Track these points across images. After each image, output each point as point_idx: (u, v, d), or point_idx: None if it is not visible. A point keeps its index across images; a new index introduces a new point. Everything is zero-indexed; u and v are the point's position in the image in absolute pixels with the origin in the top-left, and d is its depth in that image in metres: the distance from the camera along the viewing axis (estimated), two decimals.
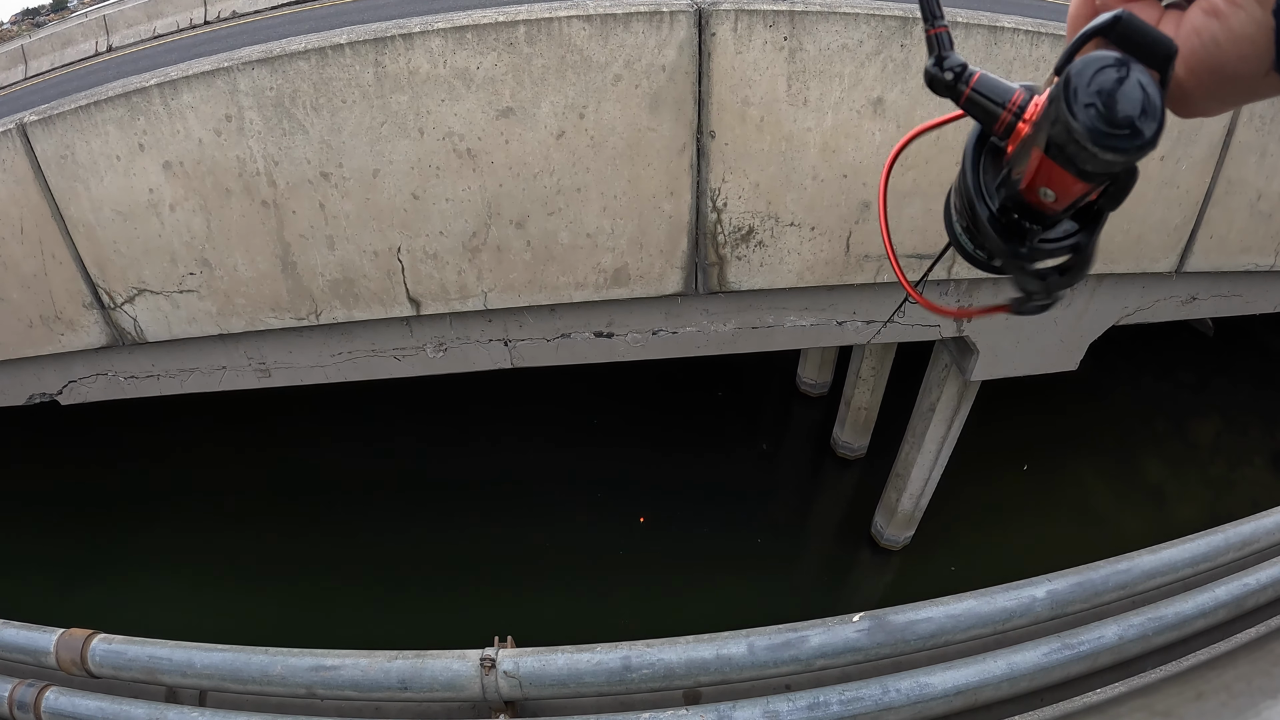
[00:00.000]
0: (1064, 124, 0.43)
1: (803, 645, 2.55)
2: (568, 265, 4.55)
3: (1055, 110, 0.43)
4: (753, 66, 4.10)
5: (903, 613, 2.64)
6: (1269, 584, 2.99)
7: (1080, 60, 0.43)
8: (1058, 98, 0.43)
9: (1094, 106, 0.42)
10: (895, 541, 8.36)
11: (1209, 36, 0.46)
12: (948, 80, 0.54)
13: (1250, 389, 10.49)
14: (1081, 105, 0.42)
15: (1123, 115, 0.42)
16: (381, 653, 2.71)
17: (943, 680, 2.62)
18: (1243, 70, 0.46)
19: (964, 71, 0.53)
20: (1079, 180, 0.46)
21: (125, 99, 3.97)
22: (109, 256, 4.41)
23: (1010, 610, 2.67)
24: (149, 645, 2.88)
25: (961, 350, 6.21)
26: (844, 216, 4.60)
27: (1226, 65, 0.46)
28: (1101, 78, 0.42)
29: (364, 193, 4.22)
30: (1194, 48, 0.47)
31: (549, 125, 4.12)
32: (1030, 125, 0.49)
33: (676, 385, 10.22)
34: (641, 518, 8.58)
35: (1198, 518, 8.20)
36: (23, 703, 2.87)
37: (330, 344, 4.98)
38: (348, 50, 3.86)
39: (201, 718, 2.72)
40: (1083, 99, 0.42)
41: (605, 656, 2.56)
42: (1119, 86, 0.42)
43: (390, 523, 8.43)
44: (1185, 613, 2.86)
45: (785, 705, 2.53)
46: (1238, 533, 3.04)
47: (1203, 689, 2.59)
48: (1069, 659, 2.71)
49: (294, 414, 9.15)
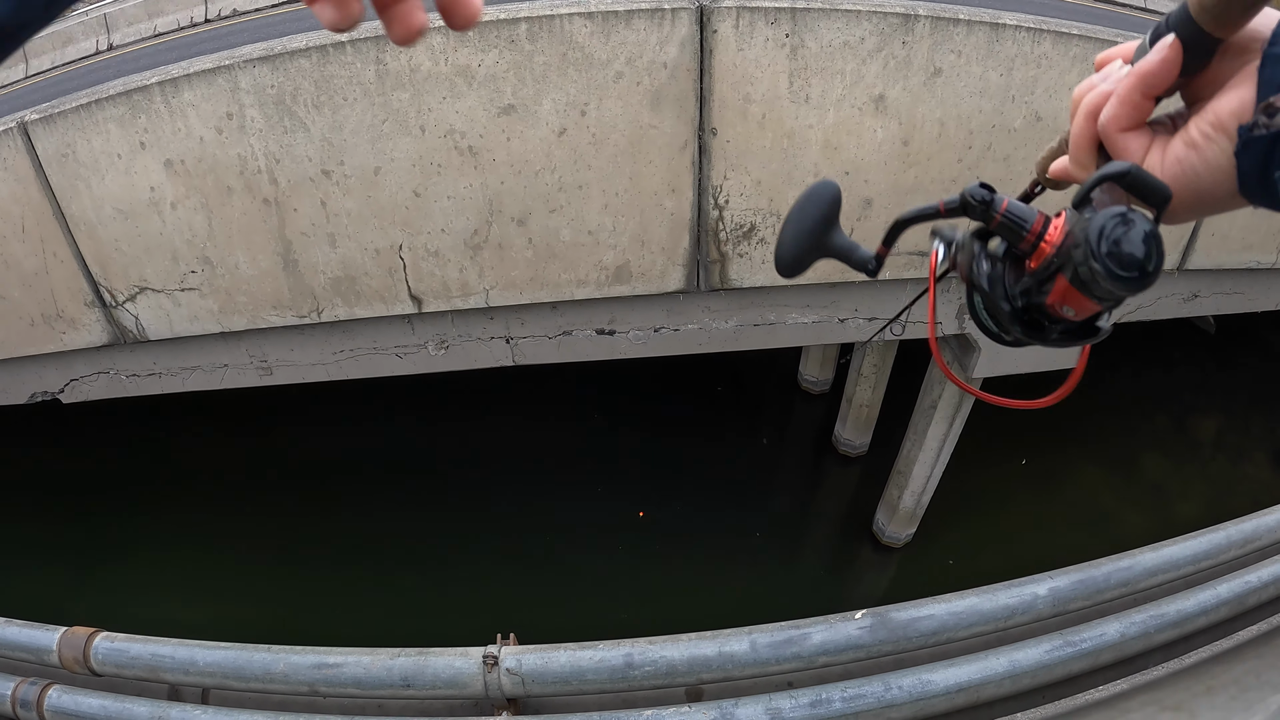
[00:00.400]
0: (1088, 268, 0.53)
1: (805, 642, 2.55)
2: (569, 262, 4.55)
3: (1081, 255, 0.54)
4: (754, 63, 4.09)
5: (905, 610, 2.64)
6: (1270, 581, 2.99)
7: (1099, 217, 0.53)
8: (1082, 245, 0.54)
9: (1113, 256, 0.52)
10: (897, 539, 8.36)
11: (1189, 165, 0.55)
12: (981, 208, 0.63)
13: (1251, 386, 10.49)
14: (1103, 255, 0.52)
15: (1134, 262, 0.52)
16: (384, 650, 2.71)
17: (945, 677, 2.62)
18: (1216, 192, 0.55)
19: (994, 199, 0.62)
20: (1096, 304, 0.57)
21: (126, 97, 3.97)
22: (110, 255, 4.41)
23: (1012, 607, 2.67)
24: (151, 643, 2.88)
25: (963, 348, 6.20)
26: (846, 213, 4.54)
27: (1203, 188, 0.55)
28: (1117, 232, 0.52)
29: (365, 190, 4.22)
30: (1176, 174, 0.56)
31: (550, 122, 4.12)
32: (1052, 248, 0.59)
33: (678, 382, 10.22)
34: (640, 512, 8.59)
35: (1199, 515, 8.20)
36: (26, 701, 2.87)
37: (332, 342, 4.99)
38: (349, 48, 3.86)
39: (204, 716, 2.72)
40: (1104, 250, 0.52)
41: (608, 654, 2.56)
42: (1130, 238, 0.52)
43: (392, 518, 8.43)
44: (1187, 610, 2.86)
45: (788, 702, 2.53)
46: (1239, 530, 3.04)
47: (1212, 683, 2.59)
48: (1071, 656, 2.71)
49: (295, 408, 9.15)
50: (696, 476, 9.06)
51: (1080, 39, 4.31)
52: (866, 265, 0.72)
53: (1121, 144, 0.60)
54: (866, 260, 0.72)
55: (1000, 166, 4.61)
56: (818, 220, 0.71)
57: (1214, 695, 2.51)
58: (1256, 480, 9.37)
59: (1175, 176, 0.56)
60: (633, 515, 8.53)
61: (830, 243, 0.72)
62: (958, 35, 4.19)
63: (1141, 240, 0.52)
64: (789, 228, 0.71)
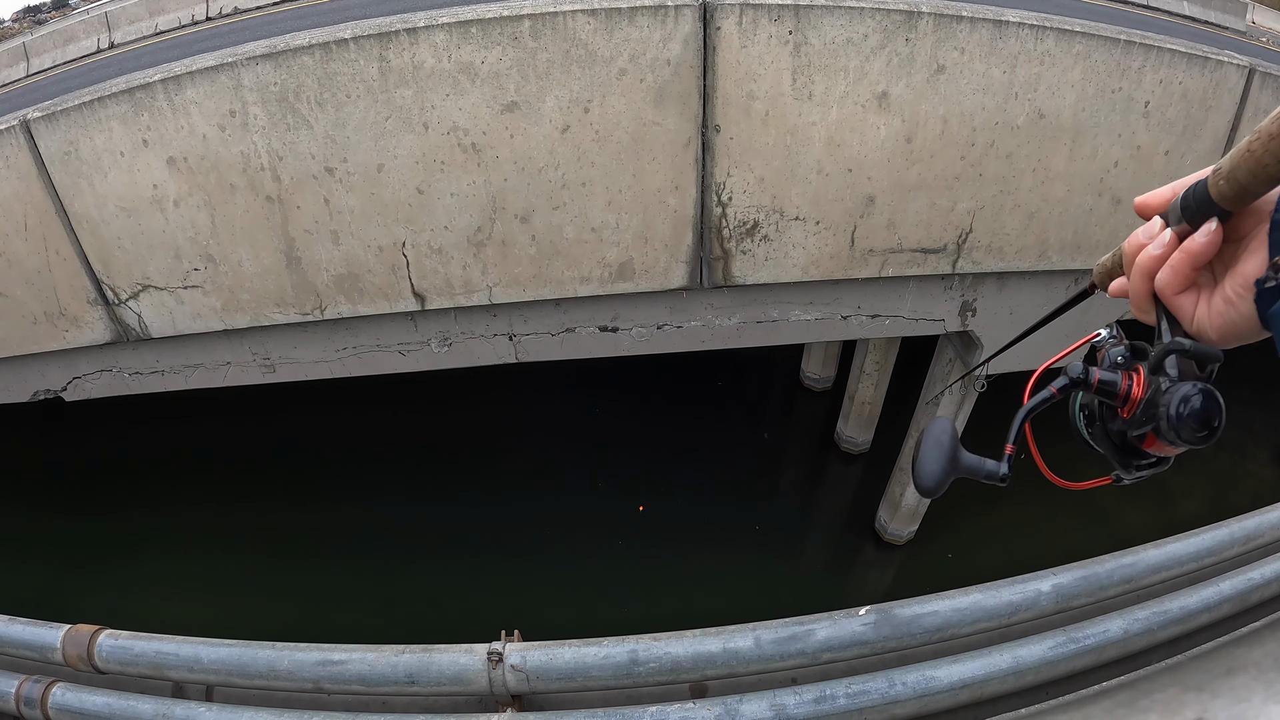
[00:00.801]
0: (1174, 433, 0.68)
1: (809, 639, 2.55)
2: (573, 260, 4.55)
3: (1166, 426, 0.68)
4: (758, 60, 4.09)
5: (908, 606, 2.64)
6: (1273, 579, 2.99)
7: (1176, 397, 0.68)
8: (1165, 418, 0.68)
9: (1189, 425, 0.67)
10: (899, 536, 8.37)
11: (1229, 317, 0.69)
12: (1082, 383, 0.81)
13: (1253, 384, 10.45)
14: (1182, 425, 0.67)
15: (1206, 426, 0.67)
16: (388, 647, 2.71)
17: (949, 673, 2.62)
18: (1248, 331, 0.69)
19: (1088, 376, 0.80)
20: (1178, 449, 0.73)
21: (129, 95, 3.97)
22: (113, 252, 4.41)
23: (1016, 604, 2.67)
24: (155, 640, 2.89)
25: (966, 345, 6.20)
26: (849, 211, 4.59)
27: (1239, 331, 0.69)
28: (1192, 406, 0.67)
29: (368, 187, 4.22)
30: (1220, 324, 0.70)
31: (554, 119, 4.12)
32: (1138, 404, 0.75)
33: (681, 378, 10.23)
34: (640, 506, 8.61)
35: (1201, 513, 8.20)
36: (30, 699, 2.88)
37: (335, 339, 4.99)
38: (352, 45, 3.86)
39: (208, 713, 2.72)
40: (1183, 421, 0.67)
41: (612, 650, 2.56)
42: (1202, 409, 0.67)
43: (395, 514, 8.44)
44: (1190, 607, 2.86)
45: (792, 699, 2.54)
46: (1242, 527, 3.04)
47: (1232, 665, 2.60)
48: (1074, 653, 2.71)
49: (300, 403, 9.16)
50: (700, 473, 9.06)
51: (1083, 36, 4.31)
52: (997, 476, 0.84)
53: (1177, 303, 0.74)
54: (995, 471, 0.84)
55: (1003, 164, 4.61)
56: (951, 448, 0.82)
57: (1234, 676, 2.52)
58: (1259, 478, 9.37)
59: (1219, 326, 0.70)
60: (634, 511, 8.54)
61: (961, 464, 0.82)
62: (961, 32, 4.19)
63: (1210, 409, 0.67)
64: (929, 459, 0.82)
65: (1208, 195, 0.67)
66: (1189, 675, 2.58)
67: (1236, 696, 2.38)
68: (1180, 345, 0.71)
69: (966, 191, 4.67)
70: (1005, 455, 0.85)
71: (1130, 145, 4.70)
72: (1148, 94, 4.56)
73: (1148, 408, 0.73)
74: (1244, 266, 0.67)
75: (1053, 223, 4.92)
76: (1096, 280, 0.91)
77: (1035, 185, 4.75)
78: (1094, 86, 4.47)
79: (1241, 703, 2.32)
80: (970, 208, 4.74)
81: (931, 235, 4.78)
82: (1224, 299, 0.70)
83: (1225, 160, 0.64)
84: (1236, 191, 0.64)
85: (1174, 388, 0.69)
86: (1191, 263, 0.71)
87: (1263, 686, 2.41)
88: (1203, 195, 0.68)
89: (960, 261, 4.93)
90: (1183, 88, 4.59)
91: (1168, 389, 0.69)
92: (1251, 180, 0.62)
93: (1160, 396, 0.70)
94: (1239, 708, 2.27)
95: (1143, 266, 0.75)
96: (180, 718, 2.71)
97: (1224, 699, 2.34)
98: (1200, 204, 0.68)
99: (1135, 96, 4.55)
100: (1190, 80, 4.58)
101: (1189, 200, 0.70)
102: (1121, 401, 0.77)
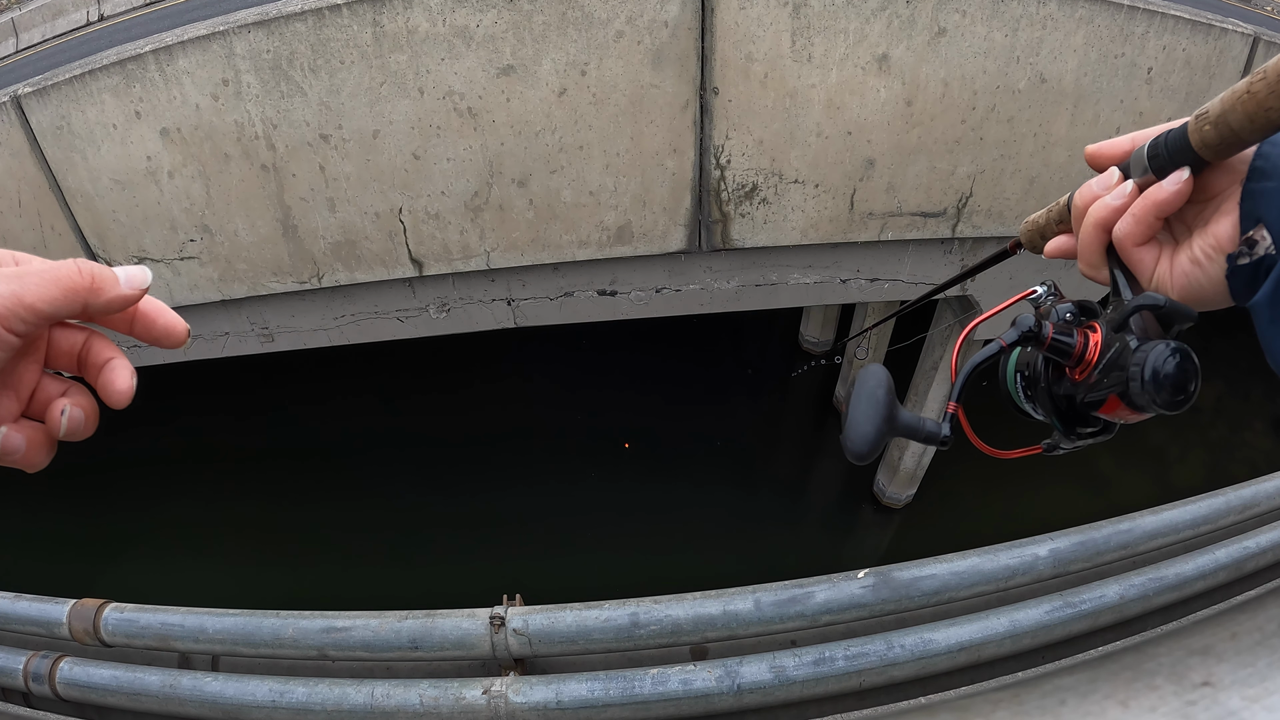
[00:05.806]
0: (1146, 397, 0.61)
1: (808, 601, 2.57)
2: (571, 223, 4.53)
3: (1138, 387, 0.62)
4: (756, 22, 4.03)
5: (907, 569, 2.65)
6: (1269, 547, 3.01)
7: (1152, 356, 0.61)
8: (1138, 379, 0.62)
9: (1166, 388, 0.61)
10: (897, 500, 8.42)
11: (1194, 279, 0.66)
12: (1034, 338, 0.73)
13: (1251, 354, 10.33)
14: (1158, 388, 0.61)
15: (1184, 390, 0.61)
16: (392, 613, 2.73)
17: (946, 636, 2.64)
18: (1215, 298, 0.66)
19: (1042, 332, 0.72)
20: (1145, 415, 0.66)
21: (120, 67, 3.92)
22: (108, 226, 4.38)
23: (1013, 568, 2.69)
24: (161, 612, 2.90)
25: (965, 309, 6.19)
26: (848, 174, 4.56)
27: (1205, 296, 0.66)
28: (1168, 367, 0.61)
29: (364, 154, 4.18)
30: (1184, 285, 0.67)
31: (550, 83, 4.07)
32: (1096, 369, 0.68)
33: (680, 342, 10.22)
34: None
35: (1198, 481, 8.24)
36: (38, 674, 2.90)
37: (333, 307, 4.97)
38: (345, 10, 3.80)
39: (215, 682, 2.75)
40: (1159, 384, 0.61)
41: (613, 613, 2.58)
42: (1179, 371, 0.61)
43: (396, 483, 8.47)
44: (1185, 574, 2.87)
45: (791, 660, 2.56)
46: (1239, 496, 3.04)
47: (1236, 630, 2.62)
48: (1071, 617, 2.73)
49: (301, 381, 9.16)
50: (699, 436, 9.09)
51: (1085, 1, 4.24)
52: (938, 438, 0.77)
53: (1136, 256, 0.70)
54: (936, 433, 0.76)
55: (1004, 128, 4.56)
56: (886, 404, 0.72)
57: (1239, 640, 2.54)
58: (1255, 447, 9.41)
59: (1182, 286, 0.67)
60: (636, 475, 8.57)
61: (898, 423, 0.73)
62: None
63: (1188, 372, 0.61)
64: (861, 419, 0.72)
65: (1185, 143, 0.62)
66: (1194, 639, 2.60)
67: (1242, 661, 2.40)
68: (1154, 300, 0.65)
69: (967, 155, 4.63)
70: (946, 414, 0.78)
71: (1132, 111, 4.64)
72: (1151, 60, 4.50)
73: (1108, 369, 0.67)
74: (1216, 227, 0.64)
75: (1054, 188, 4.88)
76: (1024, 239, 0.86)
77: (1036, 150, 4.70)
78: (1096, 52, 4.41)
79: (1246, 667, 2.34)
80: (970, 172, 4.70)
81: (931, 199, 4.74)
82: (1191, 258, 0.66)
83: (1213, 104, 0.59)
84: (1224, 138, 0.59)
85: (1146, 347, 0.62)
86: (1157, 211, 0.66)
87: (1268, 651, 2.43)
88: (1179, 143, 0.63)
89: (960, 225, 4.90)
90: (1186, 55, 4.53)
91: (1138, 348, 0.63)
92: (1247, 125, 0.57)
93: (1129, 357, 0.64)
94: (1244, 672, 2.29)
95: (1098, 217, 0.70)
96: (187, 688, 2.74)
97: (1230, 663, 2.36)
98: (1175, 152, 0.64)
99: (1138, 62, 4.49)
100: (1194, 47, 4.52)
101: (1159, 149, 0.65)
102: (1075, 362, 0.71)
